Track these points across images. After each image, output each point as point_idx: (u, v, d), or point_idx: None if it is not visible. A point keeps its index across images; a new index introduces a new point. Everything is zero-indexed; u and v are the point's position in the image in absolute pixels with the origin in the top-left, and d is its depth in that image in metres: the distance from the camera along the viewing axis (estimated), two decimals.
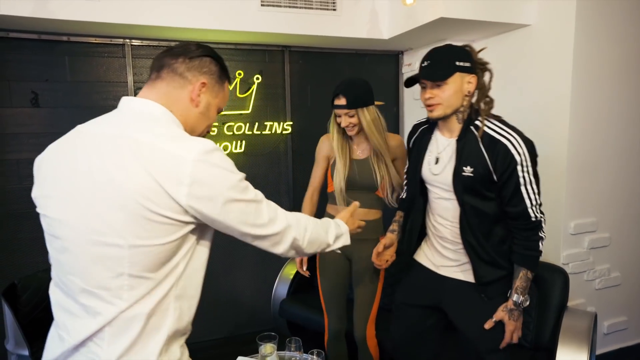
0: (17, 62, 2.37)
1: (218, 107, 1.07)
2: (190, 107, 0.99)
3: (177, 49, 1.01)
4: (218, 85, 1.04)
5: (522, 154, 1.44)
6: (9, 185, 2.44)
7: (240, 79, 2.78)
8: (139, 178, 0.83)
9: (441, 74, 1.42)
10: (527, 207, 1.46)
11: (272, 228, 1.00)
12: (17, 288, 1.95)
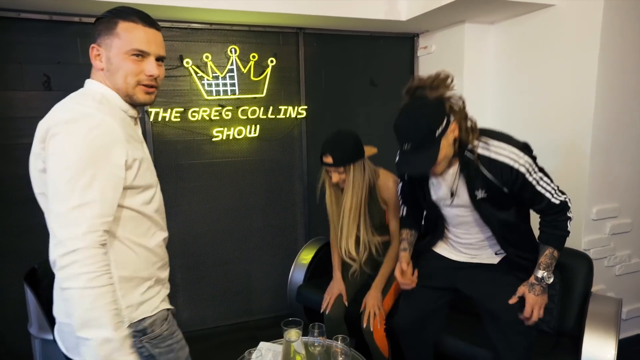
0: (28, 44, 2.32)
1: (126, 50, 1.08)
2: (101, 74, 1.13)
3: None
4: (107, 38, 1.08)
5: (524, 164, 1.45)
6: (22, 170, 2.38)
7: (254, 62, 2.72)
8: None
9: (431, 157, 1.40)
10: (549, 200, 1.50)
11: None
12: (37, 272, 1.93)
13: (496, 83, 2.74)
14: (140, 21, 1.07)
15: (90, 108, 1.01)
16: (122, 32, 1.05)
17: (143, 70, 1.08)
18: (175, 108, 2.60)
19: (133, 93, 1.10)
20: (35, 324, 1.80)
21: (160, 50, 1.12)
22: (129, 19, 1.06)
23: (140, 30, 1.06)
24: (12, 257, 2.42)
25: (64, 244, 0.91)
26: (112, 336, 0.91)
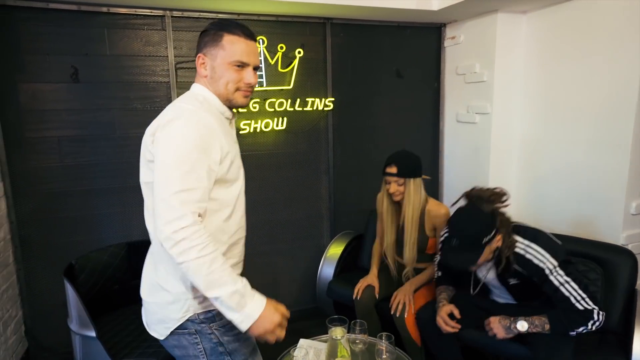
0: (56, 35, 2.28)
1: (227, 63, 1.21)
2: (206, 80, 1.26)
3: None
4: (212, 49, 1.21)
5: (545, 262, 1.66)
6: (50, 163, 2.38)
7: (282, 53, 2.67)
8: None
9: (472, 260, 1.67)
10: (572, 303, 1.62)
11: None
12: (74, 268, 1.92)
13: (528, 75, 2.68)
14: (242, 35, 1.19)
15: (193, 107, 1.16)
16: (227, 45, 1.18)
17: (242, 79, 1.21)
18: None
19: (232, 98, 1.23)
20: (75, 320, 1.78)
21: (257, 60, 1.24)
22: (233, 32, 1.18)
23: (243, 43, 1.18)
24: (41, 250, 2.41)
25: (172, 224, 1.02)
26: (235, 288, 1.06)
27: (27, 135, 2.31)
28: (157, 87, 2.50)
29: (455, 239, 1.68)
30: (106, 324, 1.98)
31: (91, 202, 2.48)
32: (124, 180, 2.52)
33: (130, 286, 2.25)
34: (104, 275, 2.09)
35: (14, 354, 2.29)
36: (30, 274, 2.41)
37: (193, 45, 2.52)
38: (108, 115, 2.44)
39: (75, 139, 2.40)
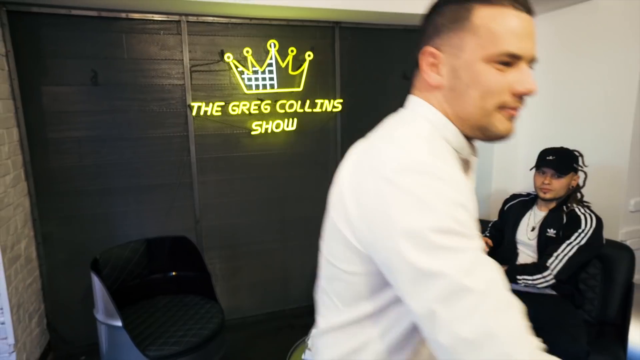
0: (77, 39, 2.37)
1: (485, 58, 0.69)
2: (433, 91, 0.75)
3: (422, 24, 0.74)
4: (459, 33, 0.70)
5: (587, 225, 1.86)
6: (71, 162, 2.48)
7: (292, 56, 2.76)
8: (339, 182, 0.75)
9: (564, 170, 1.93)
10: (550, 256, 1.85)
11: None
12: (99, 263, 2.02)
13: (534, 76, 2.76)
14: (511, 4, 0.65)
15: (424, 151, 0.65)
16: (482, 25, 0.65)
17: (512, 85, 0.68)
18: (216, 102, 2.65)
19: (488, 122, 0.69)
20: (102, 310, 1.88)
21: (534, 49, 0.70)
22: (493, 1, 0.65)
23: (514, 18, 0.65)
24: (62, 246, 2.51)
25: None
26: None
27: (50, 136, 2.41)
28: (172, 89, 2.60)
29: (551, 155, 1.94)
30: (128, 315, 2.08)
31: (109, 200, 2.58)
32: (140, 179, 2.61)
33: (148, 281, 2.36)
34: (125, 269, 2.20)
35: (38, 346, 2.39)
36: (52, 269, 2.51)
37: (207, 48, 2.62)
38: (125, 117, 2.54)
39: (94, 140, 2.50)
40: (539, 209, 2.07)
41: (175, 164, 2.67)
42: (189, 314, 2.11)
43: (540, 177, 1.99)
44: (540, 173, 1.99)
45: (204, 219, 2.78)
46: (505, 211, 2.23)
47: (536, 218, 2.06)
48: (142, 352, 1.80)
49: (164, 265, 2.39)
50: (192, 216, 2.75)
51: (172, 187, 2.68)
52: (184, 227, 2.73)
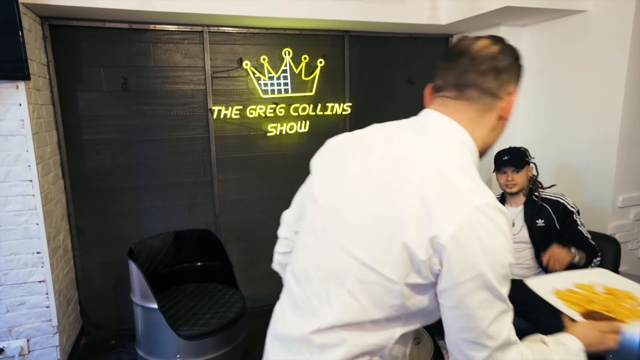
0: (110, 49, 2.59)
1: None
2: (496, 124, 0.87)
3: (483, 65, 0.81)
4: (518, 88, 0.86)
5: (573, 207, 2.17)
6: (104, 162, 2.70)
7: (305, 63, 2.97)
8: (406, 203, 0.75)
9: (521, 165, 2.19)
10: (588, 239, 2.08)
11: (498, 343, 0.74)
12: (134, 252, 2.24)
13: (528, 82, 2.96)
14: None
15: (484, 187, 0.77)
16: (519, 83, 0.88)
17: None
18: (235, 106, 2.86)
19: (494, 140, 0.89)
20: (138, 294, 2.10)
21: None
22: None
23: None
24: (94, 238, 2.73)
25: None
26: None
27: (85, 138, 2.63)
28: (195, 94, 2.81)
29: (506, 155, 2.21)
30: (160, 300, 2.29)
31: (137, 197, 2.80)
32: (165, 177, 2.83)
33: (177, 270, 2.57)
34: (156, 259, 2.41)
35: (74, 329, 2.62)
36: (85, 260, 2.74)
37: (227, 56, 2.83)
38: (152, 120, 2.76)
39: (124, 141, 2.72)
40: (511, 206, 2.30)
41: (197, 163, 2.88)
42: (214, 299, 2.33)
43: (502, 176, 2.25)
44: (502, 173, 2.25)
45: (223, 214, 2.99)
46: None
47: (512, 214, 2.26)
48: (175, 332, 2.01)
49: (190, 255, 2.61)
50: (212, 211, 2.97)
51: (194, 184, 2.90)
52: (205, 222, 2.94)
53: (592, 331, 0.92)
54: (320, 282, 0.84)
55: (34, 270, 2.20)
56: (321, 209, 0.89)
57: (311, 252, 0.89)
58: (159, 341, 2.09)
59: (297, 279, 0.91)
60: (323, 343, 0.81)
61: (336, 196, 0.86)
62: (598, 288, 1.27)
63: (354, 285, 0.79)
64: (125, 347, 2.61)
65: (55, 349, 2.30)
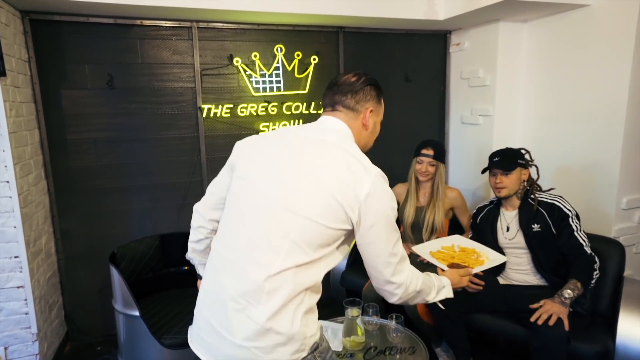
0: (94, 45, 2.50)
1: (380, 121, 1.28)
2: (362, 130, 1.22)
3: (343, 87, 1.21)
4: (379, 105, 1.25)
5: (570, 210, 2.06)
6: (88, 162, 2.61)
7: (298, 60, 2.88)
8: (336, 175, 1.06)
9: (509, 167, 2.11)
10: (584, 249, 1.99)
11: (398, 258, 1.14)
12: (116, 256, 2.14)
13: (529, 79, 2.87)
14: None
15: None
16: (383, 105, 1.28)
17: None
18: (225, 104, 2.77)
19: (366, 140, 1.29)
20: (120, 301, 2.01)
21: None
22: (383, 96, 1.30)
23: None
24: (79, 241, 2.64)
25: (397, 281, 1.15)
26: (436, 292, 1.29)
27: (68, 138, 2.54)
28: (183, 92, 2.72)
29: (497, 156, 2.15)
30: (144, 306, 2.20)
31: (124, 198, 2.70)
32: (154, 178, 2.74)
33: (162, 274, 2.48)
34: (141, 263, 2.32)
35: (57, 336, 2.52)
36: (69, 263, 2.64)
37: (217, 53, 2.74)
38: (140, 119, 2.66)
39: (110, 141, 2.63)
40: (506, 210, 2.22)
41: (186, 163, 2.79)
42: None
43: (492, 178, 2.17)
44: (492, 174, 2.17)
45: None
46: (478, 224, 2.34)
47: (507, 218, 2.21)
48: (158, 340, 1.92)
49: (177, 259, 2.51)
50: None
51: (183, 185, 2.81)
52: None
53: (454, 275, 1.43)
54: (264, 241, 1.06)
55: (12, 276, 2.10)
56: (260, 185, 1.12)
57: (250, 221, 1.11)
58: (141, 350, 2.00)
59: (232, 247, 1.12)
60: (271, 288, 1.03)
61: (275, 173, 1.12)
62: (456, 248, 1.94)
63: (296, 235, 1.05)
64: (111, 354, 2.52)
65: (35, 357, 2.21)
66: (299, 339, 1.04)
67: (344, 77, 1.23)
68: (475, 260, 1.84)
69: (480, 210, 2.37)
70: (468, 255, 1.89)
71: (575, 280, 1.92)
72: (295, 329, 1.03)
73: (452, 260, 1.80)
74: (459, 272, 1.47)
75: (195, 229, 1.33)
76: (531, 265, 2.12)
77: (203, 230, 1.31)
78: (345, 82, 1.21)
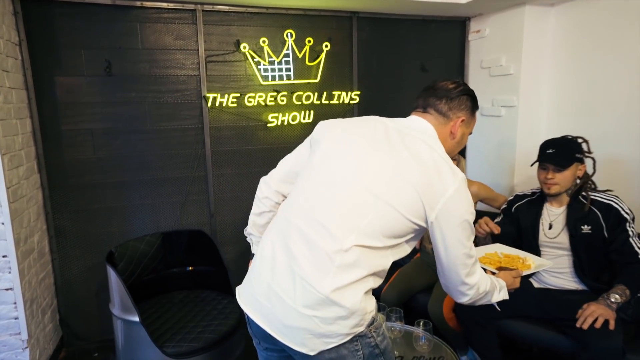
0: (91, 29, 2.32)
1: (469, 134, 1.27)
2: (448, 138, 1.20)
3: (440, 91, 1.20)
4: (471, 117, 1.24)
5: (629, 214, 1.83)
6: (84, 155, 2.43)
7: (309, 47, 2.69)
8: (422, 170, 1.06)
9: (565, 163, 1.84)
10: (638, 254, 1.77)
11: (474, 260, 1.15)
12: (114, 256, 1.96)
13: (556, 67, 2.68)
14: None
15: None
16: (475, 119, 1.28)
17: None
18: (232, 93, 2.59)
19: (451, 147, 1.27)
20: (118, 305, 1.82)
21: None
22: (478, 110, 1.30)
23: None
24: (75, 240, 2.46)
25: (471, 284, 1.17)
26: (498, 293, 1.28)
27: (63, 128, 2.36)
28: (187, 80, 2.54)
29: (551, 147, 1.87)
30: (144, 311, 2.02)
31: (123, 193, 2.52)
32: (155, 172, 2.55)
33: (164, 275, 2.30)
34: (141, 263, 2.14)
35: (51, 341, 2.34)
36: (65, 263, 2.46)
37: (223, 39, 2.56)
38: (140, 109, 2.48)
39: (108, 132, 2.45)
40: (552, 206, 1.98)
41: (189, 156, 2.61)
42: (206, 310, 2.05)
43: (543, 172, 1.91)
44: (542, 168, 1.91)
45: (219, 213, 2.71)
46: (512, 213, 2.10)
47: (551, 215, 1.97)
48: (159, 348, 1.74)
49: (180, 259, 2.33)
50: (206, 210, 2.69)
51: (186, 180, 2.62)
52: (199, 221, 2.67)
53: (508, 276, 1.39)
54: (341, 216, 1.06)
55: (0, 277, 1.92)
56: (343, 162, 1.11)
57: (328, 195, 1.09)
58: (141, 358, 1.81)
59: (304, 217, 1.09)
60: (342, 263, 1.03)
61: (362, 153, 1.11)
62: (499, 254, 1.81)
63: (374, 217, 1.05)
64: None
65: None
66: (360, 314, 1.04)
67: (442, 82, 1.22)
68: (522, 264, 1.71)
69: (519, 198, 2.11)
70: (514, 260, 1.75)
71: (623, 286, 1.73)
72: (357, 304, 1.03)
73: (499, 264, 1.69)
74: (511, 273, 1.42)
75: (260, 200, 1.31)
76: (571, 269, 1.93)
77: (268, 202, 1.29)
78: (442, 87, 1.21)
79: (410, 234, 1.10)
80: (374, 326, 1.09)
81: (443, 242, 1.09)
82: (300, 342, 1.03)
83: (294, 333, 1.03)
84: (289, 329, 1.04)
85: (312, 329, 1.02)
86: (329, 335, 1.02)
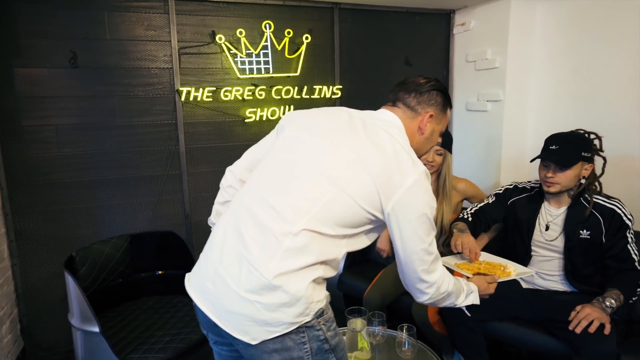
0: (54, 17, 2.17)
1: (440, 132, 1.24)
2: (416, 133, 1.18)
3: (410, 86, 1.18)
4: (441, 114, 1.21)
5: (630, 220, 1.73)
6: (48, 152, 2.27)
7: (289, 39, 2.57)
8: (381, 159, 1.03)
9: (567, 162, 1.69)
10: (635, 262, 1.70)
11: (433, 257, 1.10)
12: (75, 261, 1.81)
13: (543, 61, 2.60)
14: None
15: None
16: (447, 117, 1.25)
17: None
18: (207, 87, 2.46)
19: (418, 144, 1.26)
20: (77, 315, 1.68)
21: None
22: (451, 108, 1.28)
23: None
24: (38, 243, 2.29)
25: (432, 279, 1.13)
26: (465, 297, 1.26)
27: (24, 124, 2.20)
28: (159, 73, 2.40)
29: (555, 144, 1.71)
30: (109, 319, 1.88)
31: (91, 193, 2.37)
32: (125, 171, 2.41)
33: (132, 280, 2.15)
34: (106, 268, 1.99)
35: (9, 354, 2.17)
36: (27, 269, 2.29)
37: (197, 29, 2.42)
38: (109, 103, 2.33)
39: (74, 128, 2.30)
40: (550, 205, 1.85)
41: (162, 154, 2.46)
42: (177, 317, 1.91)
43: (544, 169, 1.76)
44: (544, 165, 1.76)
45: (195, 214, 2.58)
46: (509, 205, 1.98)
47: (549, 216, 1.85)
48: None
49: (150, 263, 2.19)
50: (181, 210, 2.55)
51: (159, 179, 2.48)
52: (173, 222, 2.53)
53: (482, 281, 1.37)
54: (294, 199, 1.03)
55: None
56: (302, 147, 1.10)
57: (283, 178, 1.07)
58: None
59: (257, 199, 1.06)
60: (291, 247, 0.98)
61: (322, 140, 1.10)
62: (480, 261, 1.70)
63: (327, 202, 1.01)
64: None
65: None
66: (305, 302, 0.99)
67: (413, 78, 1.22)
68: (502, 272, 1.61)
69: (519, 192, 1.96)
70: (495, 268, 1.64)
71: (618, 291, 1.65)
72: (303, 291, 0.98)
73: (478, 270, 1.59)
74: (485, 279, 1.40)
75: (224, 188, 1.30)
76: (561, 272, 1.83)
77: (232, 190, 1.28)
78: (413, 81, 1.20)
79: (366, 225, 1.07)
80: (323, 318, 1.04)
81: (400, 235, 1.06)
82: (242, 329, 0.99)
83: (235, 319, 0.99)
84: (230, 314, 1.00)
85: (253, 315, 0.97)
86: (271, 323, 0.98)
